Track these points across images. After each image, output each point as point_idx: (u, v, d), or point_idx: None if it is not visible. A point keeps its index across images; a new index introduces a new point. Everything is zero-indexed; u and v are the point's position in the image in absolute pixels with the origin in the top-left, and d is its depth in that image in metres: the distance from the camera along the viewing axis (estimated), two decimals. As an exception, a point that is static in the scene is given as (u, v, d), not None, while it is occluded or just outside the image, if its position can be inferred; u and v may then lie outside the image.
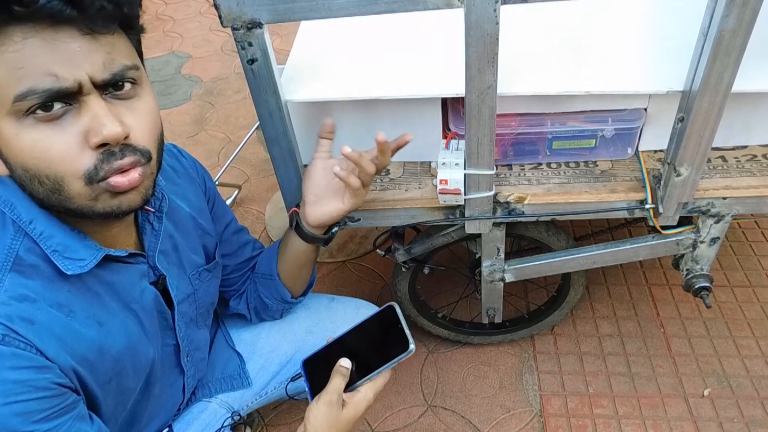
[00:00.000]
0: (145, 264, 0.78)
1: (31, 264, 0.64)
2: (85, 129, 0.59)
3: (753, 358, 1.45)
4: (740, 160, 1.04)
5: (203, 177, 0.94)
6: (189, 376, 0.93)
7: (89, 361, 0.68)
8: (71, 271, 0.66)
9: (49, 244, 0.65)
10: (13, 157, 0.59)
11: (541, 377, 1.47)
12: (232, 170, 2.18)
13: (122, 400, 0.77)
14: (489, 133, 0.89)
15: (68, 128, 0.58)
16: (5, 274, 0.62)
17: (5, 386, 0.59)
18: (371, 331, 0.85)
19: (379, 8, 0.77)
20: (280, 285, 1.00)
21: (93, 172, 0.60)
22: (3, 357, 0.59)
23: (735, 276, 1.65)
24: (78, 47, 0.56)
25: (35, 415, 0.61)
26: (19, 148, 0.58)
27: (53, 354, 0.63)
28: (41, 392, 0.61)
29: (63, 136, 0.58)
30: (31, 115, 0.56)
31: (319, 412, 0.78)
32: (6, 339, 0.60)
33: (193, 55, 2.96)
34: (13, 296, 0.62)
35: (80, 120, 0.58)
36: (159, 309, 0.81)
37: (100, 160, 0.60)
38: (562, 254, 1.18)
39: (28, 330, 0.61)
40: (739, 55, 0.77)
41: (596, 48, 1.00)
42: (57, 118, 0.58)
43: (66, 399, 0.64)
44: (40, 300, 0.64)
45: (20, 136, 0.57)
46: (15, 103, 0.55)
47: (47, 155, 0.58)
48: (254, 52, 0.83)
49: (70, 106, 0.58)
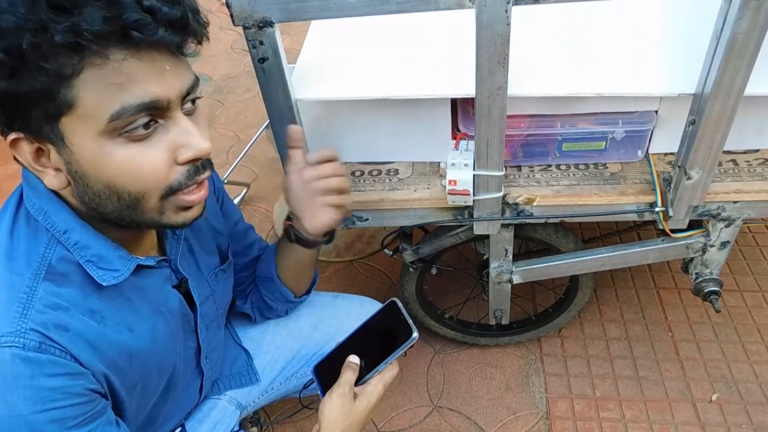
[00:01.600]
0: (168, 268, 0.79)
1: (63, 272, 0.65)
2: (175, 145, 0.61)
3: (762, 364, 1.44)
4: (752, 163, 1.03)
5: (212, 177, 0.94)
6: (207, 377, 0.94)
7: (119, 366, 0.69)
8: (106, 282, 0.67)
9: (84, 254, 0.66)
10: (99, 175, 0.59)
11: (547, 379, 1.46)
12: (241, 169, 2.19)
13: (144, 402, 0.78)
14: (499, 134, 0.89)
15: (157, 145, 0.60)
16: (39, 283, 0.63)
17: (43, 393, 0.60)
18: (376, 328, 0.87)
19: (391, 8, 0.77)
20: (281, 286, 1.00)
21: (176, 187, 0.62)
22: (40, 364, 0.60)
23: (745, 280, 1.63)
24: (168, 67, 0.58)
25: (70, 421, 0.62)
26: (110, 166, 0.59)
27: (86, 360, 0.64)
28: (76, 399, 0.62)
29: (153, 153, 0.60)
30: (124, 134, 0.58)
31: (332, 404, 0.79)
32: (43, 347, 0.60)
33: (203, 53, 2.96)
34: (48, 304, 0.62)
35: (168, 136, 0.60)
36: (183, 312, 0.82)
37: (185, 176, 0.62)
38: (570, 256, 1.18)
39: (63, 337, 0.62)
40: (753, 58, 0.77)
41: (607, 50, 0.99)
42: (148, 136, 0.59)
43: (97, 404, 0.65)
44: (72, 308, 0.64)
45: (113, 154, 0.58)
46: (111, 122, 0.56)
47: (138, 172, 0.60)
48: (265, 51, 0.83)
49: (157, 123, 0.60)
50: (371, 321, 0.88)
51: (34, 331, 0.60)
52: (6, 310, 0.60)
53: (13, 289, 0.61)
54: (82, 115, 0.56)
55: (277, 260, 0.99)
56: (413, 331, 0.82)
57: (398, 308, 0.86)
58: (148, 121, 0.58)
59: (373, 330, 0.87)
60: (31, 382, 0.59)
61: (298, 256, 0.97)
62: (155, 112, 0.58)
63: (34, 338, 0.60)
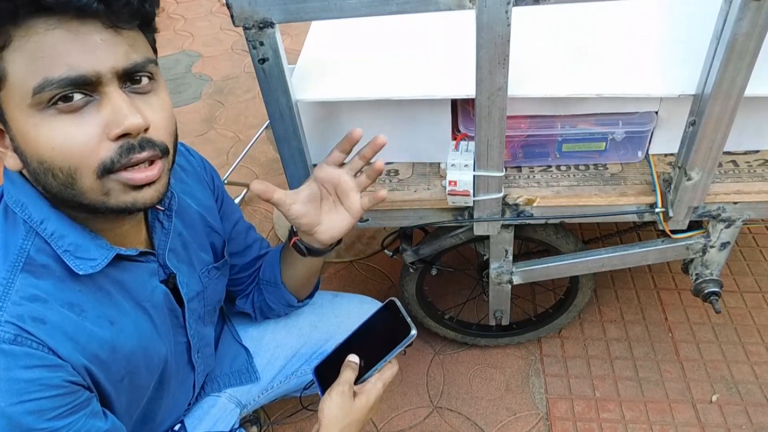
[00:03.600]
0: (155, 262, 0.78)
1: (42, 264, 0.65)
2: (106, 121, 0.59)
3: (762, 365, 1.44)
4: (752, 164, 1.03)
5: (212, 175, 0.94)
6: (199, 372, 0.94)
7: (101, 359, 0.68)
8: (83, 271, 0.66)
9: (61, 244, 0.65)
10: (31, 150, 0.59)
11: (547, 380, 1.46)
12: (241, 169, 2.19)
13: (135, 398, 0.77)
14: (499, 134, 0.89)
15: (88, 120, 0.58)
16: (17, 275, 0.63)
17: (18, 385, 0.60)
18: (375, 328, 0.88)
19: (391, 9, 0.77)
20: (285, 292, 1.00)
21: (109, 164, 0.59)
22: (15, 357, 0.60)
23: (745, 281, 1.63)
24: (101, 39, 0.57)
25: (48, 413, 0.62)
26: (38, 140, 0.58)
27: (65, 353, 0.63)
28: (54, 390, 0.62)
29: (83, 127, 0.58)
30: (52, 107, 0.57)
31: (332, 402, 0.80)
32: (18, 339, 0.60)
33: (203, 54, 2.98)
34: (25, 296, 0.62)
35: (101, 112, 0.59)
36: (170, 307, 0.81)
37: (118, 153, 0.60)
38: (570, 257, 1.18)
39: (40, 330, 0.62)
40: (753, 59, 0.77)
41: (607, 50, 0.99)
42: (78, 109, 0.58)
43: (79, 397, 0.65)
44: (51, 300, 0.64)
45: (40, 127, 0.57)
46: (35, 95, 0.55)
47: (66, 146, 0.58)
48: (265, 52, 0.83)
49: (90, 97, 0.58)
50: (370, 320, 0.88)
51: (9, 323, 0.60)
52: None
53: None
54: (11, 88, 0.56)
55: (282, 268, 0.99)
56: (411, 329, 0.83)
57: (397, 307, 0.86)
58: (80, 94, 0.57)
59: (372, 329, 0.88)
60: (6, 374, 0.59)
61: (305, 265, 0.96)
62: (85, 87, 0.57)
63: (8, 330, 0.60)
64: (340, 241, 0.96)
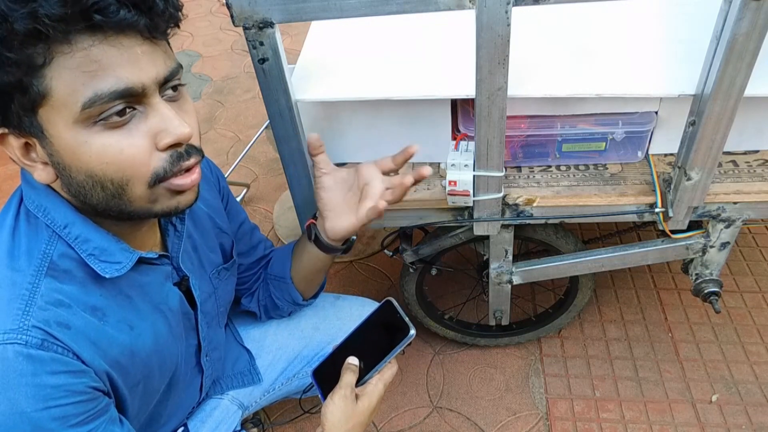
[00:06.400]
0: (169, 265, 0.78)
1: (65, 269, 0.65)
2: (154, 131, 0.60)
3: (762, 365, 1.44)
4: (752, 164, 1.03)
5: (217, 176, 0.94)
6: (207, 375, 0.94)
7: (121, 364, 0.69)
8: (109, 274, 0.66)
9: (85, 248, 0.65)
10: (80, 164, 0.59)
11: (547, 380, 1.46)
12: (241, 169, 2.19)
13: (147, 401, 0.77)
14: (499, 134, 0.89)
15: (135, 132, 0.59)
16: (41, 280, 0.62)
17: (45, 391, 0.60)
18: (373, 329, 0.87)
19: (391, 9, 0.77)
20: (292, 288, 1.01)
21: (161, 174, 0.61)
22: (43, 362, 0.60)
23: (745, 281, 1.63)
24: (141, 51, 0.57)
25: (72, 419, 0.62)
26: (88, 155, 0.58)
27: (88, 358, 0.64)
28: (78, 396, 0.62)
29: (132, 140, 0.59)
30: (100, 122, 0.57)
31: (335, 407, 0.79)
32: (45, 344, 0.60)
33: (203, 54, 2.97)
34: (50, 301, 0.62)
35: (147, 123, 0.59)
36: (183, 310, 0.82)
37: (169, 163, 0.61)
38: (570, 257, 1.18)
39: (65, 335, 0.62)
40: (753, 59, 0.77)
41: (607, 50, 0.99)
42: (125, 123, 0.58)
43: (100, 403, 0.65)
44: (74, 305, 0.64)
45: (90, 143, 0.57)
46: (84, 110, 0.55)
47: (119, 160, 0.59)
48: (265, 52, 0.83)
49: (134, 110, 0.59)
50: (368, 322, 0.88)
51: (37, 328, 0.60)
52: (9, 307, 0.60)
53: (15, 286, 0.61)
54: (56, 105, 0.56)
55: (293, 262, 0.99)
56: (410, 328, 0.82)
57: (394, 307, 0.86)
58: (124, 108, 0.57)
59: (370, 330, 0.87)
60: (34, 380, 0.59)
61: (313, 259, 0.96)
62: (131, 99, 0.57)
63: (36, 335, 0.60)
64: (350, 249, 0.97)
